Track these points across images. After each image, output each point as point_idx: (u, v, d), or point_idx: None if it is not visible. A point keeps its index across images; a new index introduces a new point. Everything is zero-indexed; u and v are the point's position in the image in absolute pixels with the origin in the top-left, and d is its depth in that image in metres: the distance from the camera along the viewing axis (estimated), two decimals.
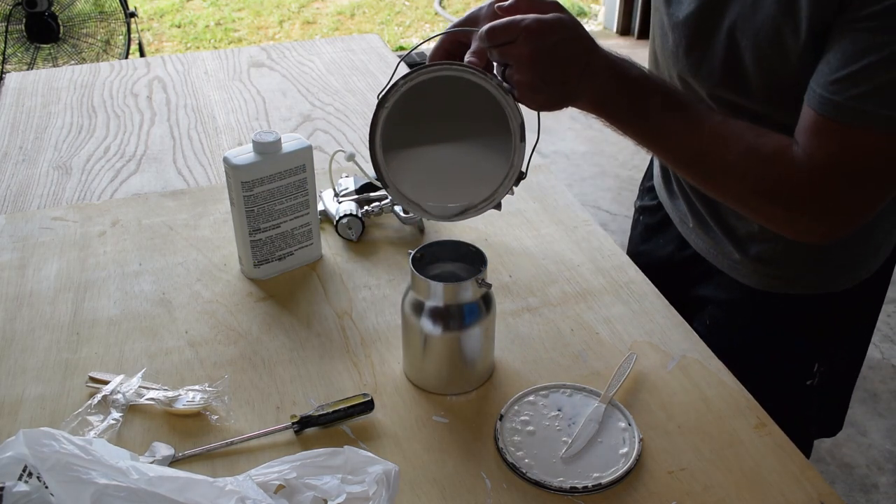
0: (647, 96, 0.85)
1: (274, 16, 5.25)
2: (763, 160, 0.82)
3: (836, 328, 1.09)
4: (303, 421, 0.86)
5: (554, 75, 0.80)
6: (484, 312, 0.89)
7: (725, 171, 0.84)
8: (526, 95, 0.81)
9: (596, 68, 0.82)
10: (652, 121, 0.86)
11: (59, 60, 3.76)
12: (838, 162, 0.79)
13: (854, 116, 0.77)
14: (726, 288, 1.09)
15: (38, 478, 0.70)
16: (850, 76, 0.76)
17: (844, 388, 1.20)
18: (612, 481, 0.81)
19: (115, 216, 1.24)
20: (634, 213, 1.33)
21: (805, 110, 0.81)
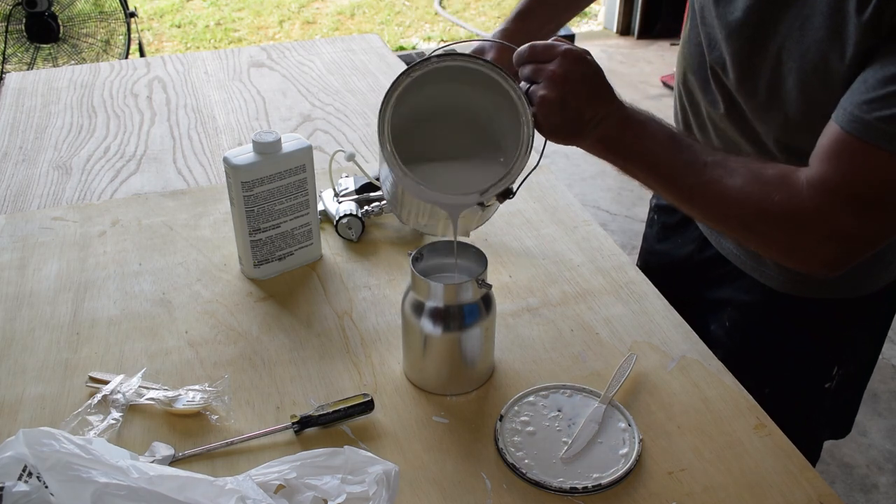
0: (650, 136, 0.86)
1: (274, 16, 5.25)
2: (765, 183, 0.81)
3: (856, 332, 1.08)
4: (303, 421, 0.86)
5: (576, 102, 0.83)
6: (484, 313, 0.89)
7: (725, 199, 0.83)
8: (544, 112, 0.83)
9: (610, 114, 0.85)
10: (654, 157, 0.86)
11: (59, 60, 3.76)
12: (851, 185, 0.77)
13: (879, 137, 0.74)
14: (748, 290, 1.09)
15: (37, 477, 0.70)
16: (884, 97, 0.74)
17: (856, 391, 1.19)
18: (612, 482, 0.81)
19: (115, 216, 1.24)
20: (650, 212, 1.33)
21: (828, 129, 0.79)
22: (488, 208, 0.89)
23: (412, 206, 0.90)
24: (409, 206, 0.91)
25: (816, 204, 0.78)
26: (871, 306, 1.06)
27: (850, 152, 0.77)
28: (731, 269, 1.10)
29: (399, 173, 0.83)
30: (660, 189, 0.89)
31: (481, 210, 0.87)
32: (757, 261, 1.06)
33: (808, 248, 0.82)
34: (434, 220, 0.93)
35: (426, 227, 1.01)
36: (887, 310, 1.11)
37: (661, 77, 4.13)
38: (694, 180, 0.84)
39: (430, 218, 0.92)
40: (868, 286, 1.03)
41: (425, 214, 0.91)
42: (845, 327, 1.07)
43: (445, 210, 0.85)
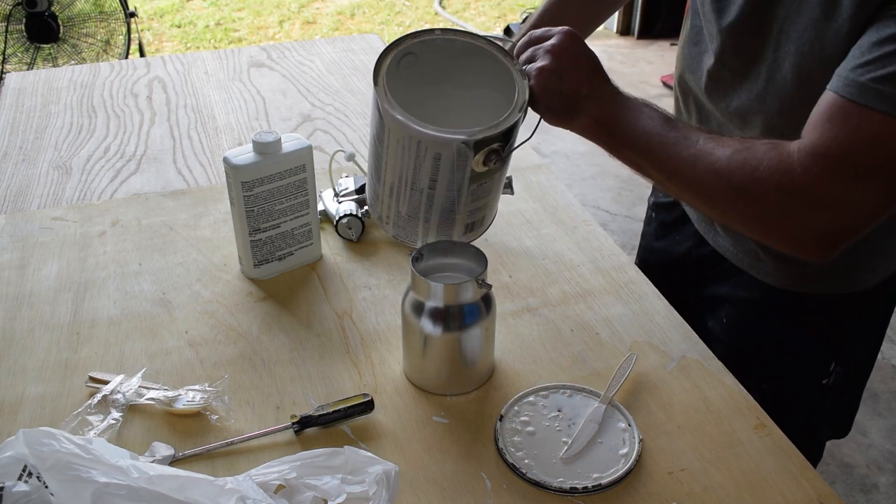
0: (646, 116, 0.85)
1: (274, 16, 5.25)
2: (756, 152, 0.78)
3: (854, 328, 1.08)
4: (303, 421, 0.86)
5: (573, 75, 0.85)
6: (484, 313, 0.89)
7: (715, 170, 0.80)
8: (542, 83, 0.84)
9: (605, 93, 0.87)
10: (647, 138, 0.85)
11: (59, 60, 3.76)
12: (844, 149, 0.74)
13: (874, 98, 0.72)
14: (745, 286, 1.09)
15: (37, 477, 0.70)
16: (878, 59, 0.72)
17: (856, 389, 1.19)
18: (612, 482, 0.81)
19: (115, 216, 1.24)
20: (647, 210, 1.33)
21: (821, 99, 0.77)
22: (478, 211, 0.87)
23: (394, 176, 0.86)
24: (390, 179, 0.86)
25: (807, 170, 0.75)
26: (867, 302, 1.06)
27: (843, 116, 0.74)
28: (728, 266, 1.10)
29: (386, 106, 0.81)
30: (651, 169, 0.87)
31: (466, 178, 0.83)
32: (753, 257, 1.06)
33: (798, 222, 0.78)
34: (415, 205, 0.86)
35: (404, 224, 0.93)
36: (884, 306, 1.11)
37: (661, 77, 4.14)
38: (686, 153, 0.82)
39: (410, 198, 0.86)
40: (864, 281, 1.03)
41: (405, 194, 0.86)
42: (842, 323, 1.07)
43: (430, 149, 0.80)
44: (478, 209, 0.90)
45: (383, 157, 0.87)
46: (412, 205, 0.87)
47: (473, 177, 0.84)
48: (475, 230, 0.93)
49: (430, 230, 0.89)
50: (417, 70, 0.88)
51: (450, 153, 0.81)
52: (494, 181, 0.89)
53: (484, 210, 0.91)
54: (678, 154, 0.83)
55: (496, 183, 0.90)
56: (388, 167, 0.86)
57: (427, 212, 0.87)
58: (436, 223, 0.87)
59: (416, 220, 0.89)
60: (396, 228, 0.91)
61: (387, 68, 0.85)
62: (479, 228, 0.93)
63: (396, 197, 0.88)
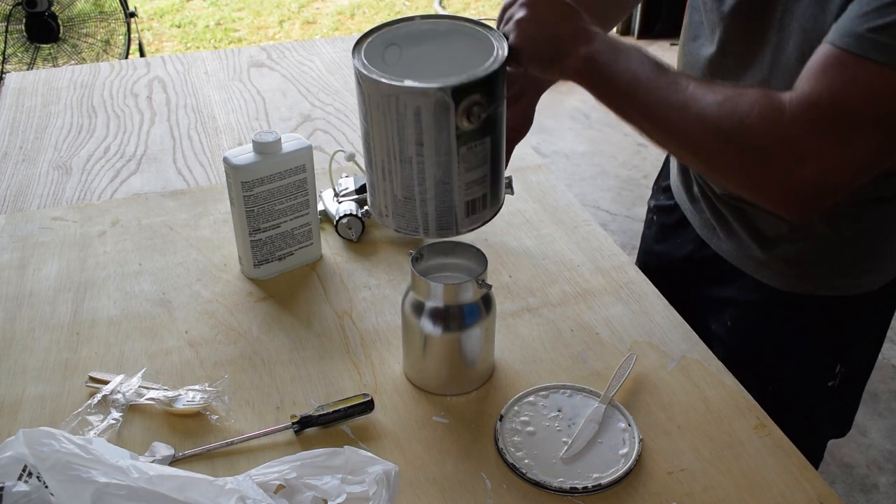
0: (636, 60, 0.83)
1: (274, 16, 5.25)
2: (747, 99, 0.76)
3: (859, 330, 1.08)
4: (303, 421, 0.86)
5: (551, 18, 0.83)
6: (484, 313, 0.89)
7: (704, 117, 0.78)
8: (521, 31, 0.83)
9: (589, 33, 0.84)
10: (637, 81, 0.82)
11: (59, 60, 3.76)
12: (838, 99, 0.72)
13: (870, 48, 0.70)
14: (749, 289, 1.08)
15: (37, 477, 0.70)
16: (875, 9, 0.71)
17: (858, 388, 1.19)
18: (612, 482, 0.81)
19: (115, 216, 1.24)
20: (648, 213, 1.32)
21: (817, 51, 0.75)
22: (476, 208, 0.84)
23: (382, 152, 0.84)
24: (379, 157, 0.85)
25: (797, 120, 0.73)
26: (872, 304, 1.06)
27: (838, 66, 0.72)
28: (731, 268, 1.09)
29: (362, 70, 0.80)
30: (638, 115, 0.84)
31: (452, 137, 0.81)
32: (756, 261, 1.06)
33: (784, 174, 0.75)
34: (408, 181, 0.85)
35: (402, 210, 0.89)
36: (888, 307, 1.11)
37: None
38: (674, 98, 0.80)
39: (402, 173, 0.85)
40: (868, 283, 1.03)
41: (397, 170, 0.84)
42: (847, 325, 1.06)
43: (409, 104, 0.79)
44: (475, 183, 0.87)
45: (370, 135, 0.85)
46: (405, 182, 0.85)
47: (460, 136, 0.82)
48: (477, 211, 0.88)
49: (430, 212, 0.86)
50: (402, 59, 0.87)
51: (429, 105, 0.79)
52: (486, 147, 0.85)
53: (483, 186, 0.88)
54: (666, 99, 0.81)
55: (489, 151, 0.86)
56: (376, 144, 0.85)
57: (421, 187, 0.85)
58: (433, 201, 0.85)
59: (413, 201, 0.86)
60: (396, 218, 0.88)
61: (367, 45, 0.84)
62: (483, 211, 0.89)
63: (389, 177, 0.86)
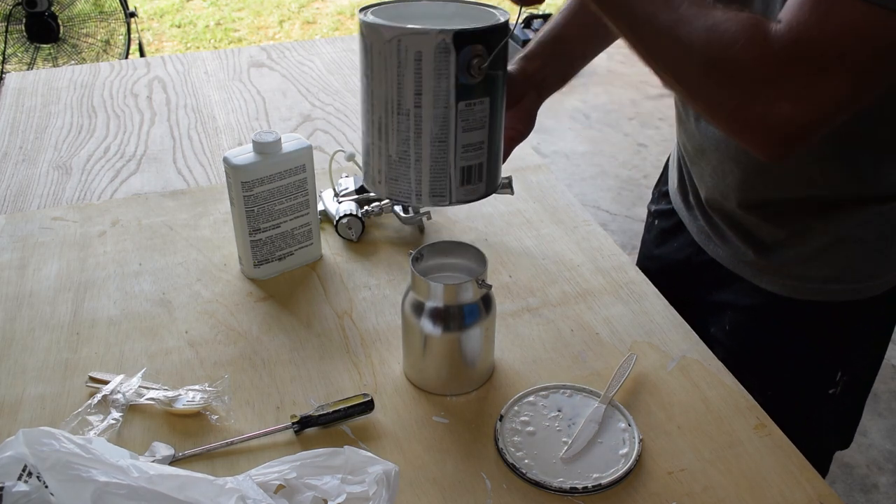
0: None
1: (274, 16, 5.25)
2: (735, 24, 0.73)
3: (860, 336, 1.07)
4: (303, 421, 0.86)
5: None
6: (484, 313, 0.89)
7: (691, 40, 0.74)
8: None
9: None
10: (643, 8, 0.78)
11: (59, 60, 3.77)
12: (822, 38, 0.70)
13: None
14: (747, 293, 1.07)
15: (37, 477, 0.70)
16: None
17: (860, 398, 1.18)
18: (612, 482, 0.81)
19: (115, 216, 1.24)
20: (648, 217, 1.32)
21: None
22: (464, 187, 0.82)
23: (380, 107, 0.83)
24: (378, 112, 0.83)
25: (780, 54, 0.71)
26: (873, 311, 1.05)
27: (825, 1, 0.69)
28: (728, 273, 1.09)
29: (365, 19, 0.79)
30: (627, 27, 0.80)
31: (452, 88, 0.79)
32: (752, 266, 1.05)
33: (763, 108, 0.72)
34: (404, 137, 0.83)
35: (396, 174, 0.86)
36: (890, 315, 1.09)
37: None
38: (665, 17, 0.77)
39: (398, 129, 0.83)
40: (868, 289, 1.02)
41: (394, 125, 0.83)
42: (847, 331, 1.06)
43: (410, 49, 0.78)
44: (472, 148, 0.85)
45: (370, 90, 0.84)
46: (401, 138, 0.83)
47: (459, 89, 0.81)
48: (472, 182, 0.85)
49: (423, 173, 0.84)
50: None
51: (430, 48, 0.78)
52: (485, 109, 0.84)
53: (480, 154, 0.85)
54: (656, 16, 0.77)
55: (487, 115, 0.84)
56: (375, 99, 0.84)
57: (417, 143, 0.83)
58: (428, 161, 0.83)
59: (408, 161, 0.84)
60: (389, 184, 0.86)
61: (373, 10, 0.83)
62: (478, 183, 0.86)
63: (385, 135, 0.84)
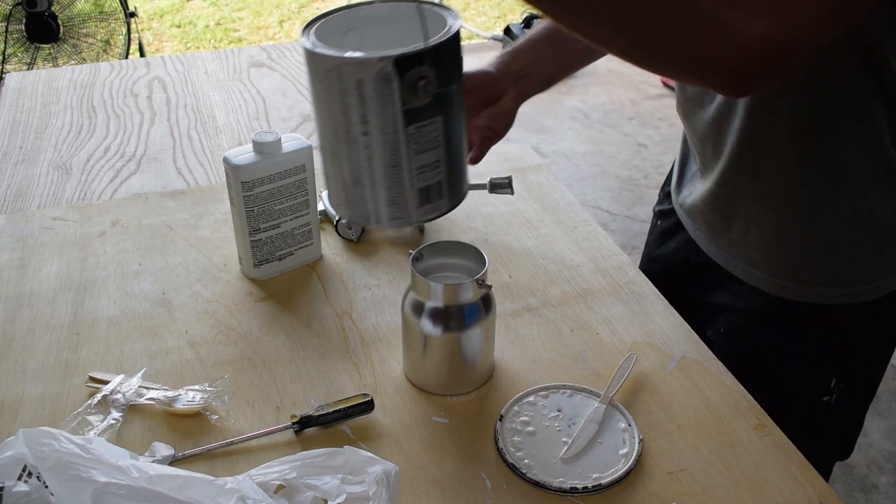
0: None
1: (274, 16, 5.25)
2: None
3: (856, 343, 1.06)
4: (303, 421, 0.86)
5: None
6: (484, 313, 0.89)
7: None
8: None
9: None
10: None
11: (59, 60, 3.77)
12: None
13: None
14: (742, 295, 1.07)
15: (37, 477, 0.70)
16: None
17: (860, 409, 1.17)
18: (612, 482, 0.81)
19: (115, 216, 1.24)
20: (653, 218, 1.32)
21: None
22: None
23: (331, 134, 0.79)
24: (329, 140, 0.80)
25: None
26: (868, 317, 1.03)
27: None
28: (725, 273, 1.08)
29: (307, 46, 0.76)
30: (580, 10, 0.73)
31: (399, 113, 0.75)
32: (746, 263, 1.05)
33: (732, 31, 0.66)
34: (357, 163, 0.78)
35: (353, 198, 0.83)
36: (888, 325, 1.08)
37: (662, 77, 4.14)
38: None
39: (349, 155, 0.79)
40: (862, 293, 1.00)
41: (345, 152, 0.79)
42: (842, 337, 1.04)
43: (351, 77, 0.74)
44: (428, 168, 0.80)
45: (318, 117, 0.81)
46: (353, 165, 0.79)
47: (408, 113, 0.76)
48: (432, 201, 0.80)
49: (380, 198, 0.80)
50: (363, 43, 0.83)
51: (371, 77, 0.74)
52: (437, 128, 0.78)
53: (438, 172, 0.81)
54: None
55: (441, 132, 0.79)
56: (324, 126, 0.80)
57: (370, 169, 0.79)
58: (383, 186, 0.79)
59: (363, 186, 0.81)
60: (349, 207, 0.83)
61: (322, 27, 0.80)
62: (438, 201, 0.81)
63: (338, 161, 0.81)
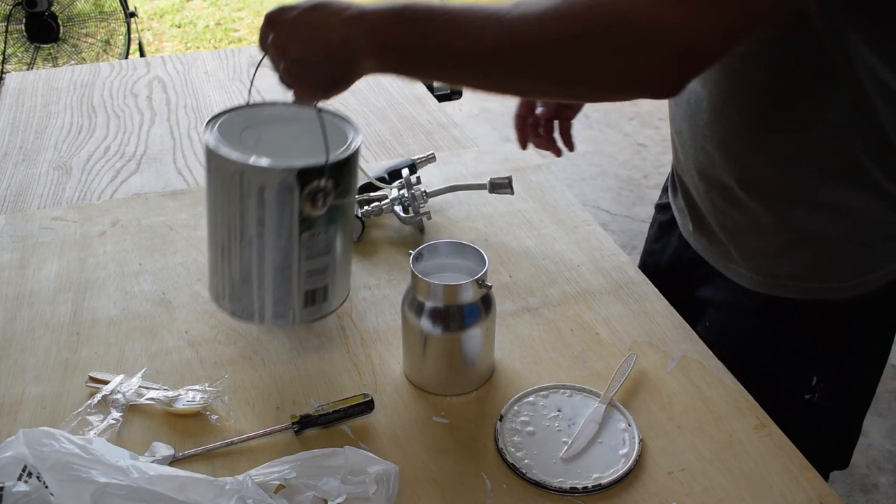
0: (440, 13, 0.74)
1: None
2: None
3: (837, 341, 1.05)
4: (303, 421, 0.86)
5: (310, 45, 0.76)
6: (484, 313, 0.89)
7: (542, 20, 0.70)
8: (297, 78, 0.78)
9: (360, 13, 0.75)
10: (446, 30, 0.74)
11: (59, 60, 3.77)
12: None
13: None
14: (725, 290, 1.08)
15: (37, 477, 0.70)
16: None
17: (855, 415, 1.16)
18: (612, 482, 0.81)
19: (115, 216, 1.24)
20: (654, 212, 1.32)
21: None
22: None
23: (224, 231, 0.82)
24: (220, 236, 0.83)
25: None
26: (847, 315, 1.02)
27: None
28: (710, 269, 1.09)
29: (210, 145, 0.79)
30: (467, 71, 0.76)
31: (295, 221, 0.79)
32: (726, 258, 1.05)
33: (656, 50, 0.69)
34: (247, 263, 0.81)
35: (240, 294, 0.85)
36: (877, 326, 1.07)
37: None
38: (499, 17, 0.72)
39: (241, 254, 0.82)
40: (837, 290, 1.00)
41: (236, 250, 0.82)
42: (822, 334, 1.04)
43: (253, 182, 0.77)
44: (317, 273, 0.84)
45: (213, 212, 0.84)
46: (244, 263, 0.82)
47: (303, 222, 0.80)
48: (317, 303, 0.86)
49: (266, 297, 0.84)
50: (260, 142, 0.87)
51: (273, 185, 0.77)
52: (330, 237, 0.83)
53: (325, 277, 0.85)
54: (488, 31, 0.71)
55: (333, 241, 0.84)
56: (218, 222, 0.82)
57: (260, 270, 0.82)
58: (271, 286, 0.83)
59: (250, 284, 0.84)
60: (233, 301, 0.86)
61: (223, 122, 0.85)
62: (322, 303, 0.87)
63: (228, 258, 0.83)
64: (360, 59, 0.77)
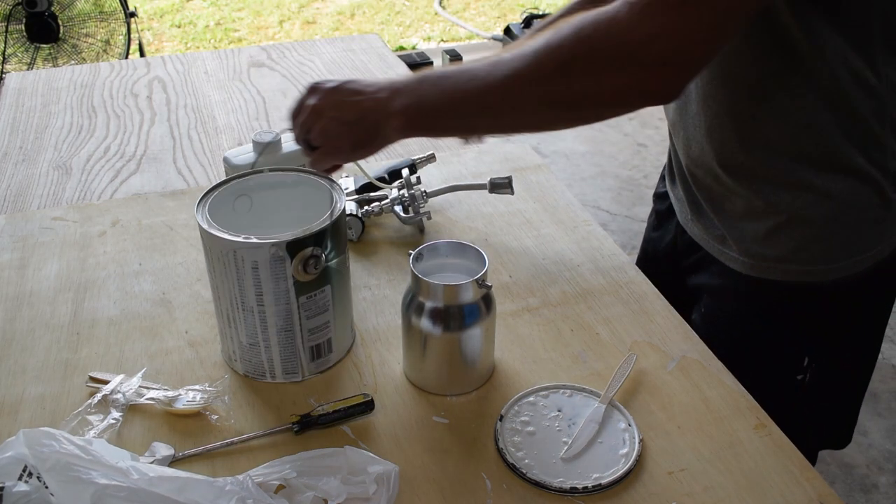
0: (440, 79, 0.86)
1: (274, 16, 5.25)
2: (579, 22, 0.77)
3: (827, 322, 1.07)
4: (303, 421, 0.86)
5: (348, 103, 0.87)
6: (484, 313, 0.89)
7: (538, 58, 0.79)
8: (328, 137, 0.89)
9: (389, 82, 0.87)
10: (460, 89, 0.84)
11: (59, 60, 3.76)
12: None
13: None
14: (718, 275, 1.09)
15: (38, 478, 0.70)
16: None
17: (849, 396, 1.18)
18: (612, 482, 0.81)
19: (115, 216, 1.24)
20: (653, 202, 1.33)
21: None
22: None
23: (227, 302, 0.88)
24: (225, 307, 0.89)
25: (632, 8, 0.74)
26: (837, 296, 1.04)
27: None
28: (705, 254, 1.10)
29: (203, 226, 0.84)
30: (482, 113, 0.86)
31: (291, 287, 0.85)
32: (721, 242, 1.06)
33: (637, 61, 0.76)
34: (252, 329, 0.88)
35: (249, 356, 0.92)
36: (869, 305, 1.09)
37: None
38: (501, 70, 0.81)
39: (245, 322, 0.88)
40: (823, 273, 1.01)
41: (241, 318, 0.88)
42: (812, 315, 1.06)
43: (246, 258, 0.83)
44: (318, 329, 0.91)
45: (215, 285, 0.89)
46: (249, 329, 0.89)
47: (299, 287, 0.86)
48: (323, 356, 0.93)
49: (275, 357, 0.90)
50: (252, 207, 0.93)
51: (265, 259, 0.83)
52: (326, 296, 0.89)
53: (327, 331, 0.91)
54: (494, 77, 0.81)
55: (330, 299, 0.89)
56: (220, 294, 0.89)
57: (265, 334, 0.89)
58: (277, 347, 0.89)
59: (258, 347, 0.90)
60: (244, 363, 0.93)
61: (215, 197, 0.89)
62: (329, 354, 0.93)
63: (235, 325, 0.90)
64: (389, 120, 0.87)
